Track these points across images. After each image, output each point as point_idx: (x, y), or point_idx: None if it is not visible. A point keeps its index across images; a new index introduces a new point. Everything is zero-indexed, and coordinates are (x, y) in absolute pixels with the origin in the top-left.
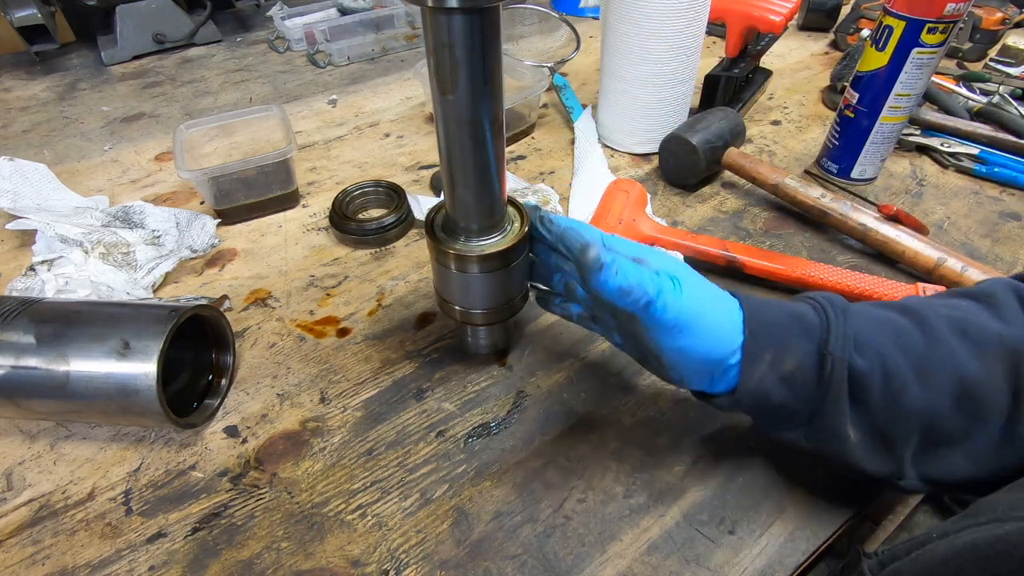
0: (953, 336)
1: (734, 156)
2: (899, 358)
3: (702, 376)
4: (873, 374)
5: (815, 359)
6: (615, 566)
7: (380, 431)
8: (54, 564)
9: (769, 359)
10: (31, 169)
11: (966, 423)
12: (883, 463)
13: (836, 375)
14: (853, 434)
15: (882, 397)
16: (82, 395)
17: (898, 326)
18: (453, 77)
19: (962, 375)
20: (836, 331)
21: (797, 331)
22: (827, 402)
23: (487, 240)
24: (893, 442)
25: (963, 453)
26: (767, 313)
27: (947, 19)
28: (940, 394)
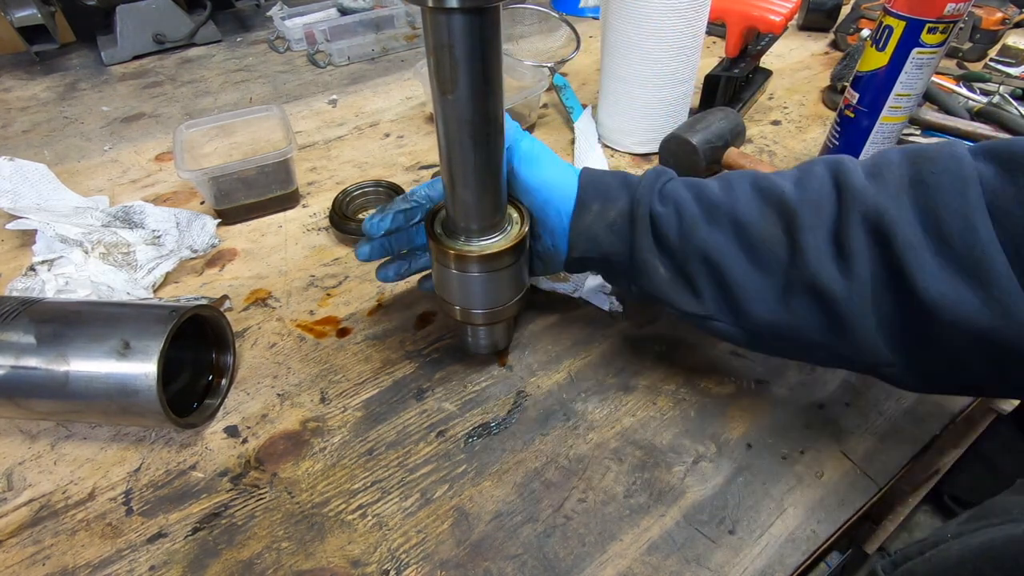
0: (747, 191)
1: (734, 156)
2: (693, 204)
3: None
4: (669, 216)
5: (628, 207)
6: (615, 566)
7: (380, 431)
8: (54, 564)
9: (597, 209)
10: (31, 169)
11: (752, 270)
12: (690, 300)
13: (640, 216)
14: (661, 270)
15: (677, 237)
16: (82, 395)
17: (704, 184)
18: (453, 77)
19: (741, 219)
20: (645, 184)
21: (621, 187)
22: (636, 240)
23: (487, 240)
24: (692, 279)
25: (758, 300)
26: (601, 174)
27: (947, 19)
28: (725, 235)
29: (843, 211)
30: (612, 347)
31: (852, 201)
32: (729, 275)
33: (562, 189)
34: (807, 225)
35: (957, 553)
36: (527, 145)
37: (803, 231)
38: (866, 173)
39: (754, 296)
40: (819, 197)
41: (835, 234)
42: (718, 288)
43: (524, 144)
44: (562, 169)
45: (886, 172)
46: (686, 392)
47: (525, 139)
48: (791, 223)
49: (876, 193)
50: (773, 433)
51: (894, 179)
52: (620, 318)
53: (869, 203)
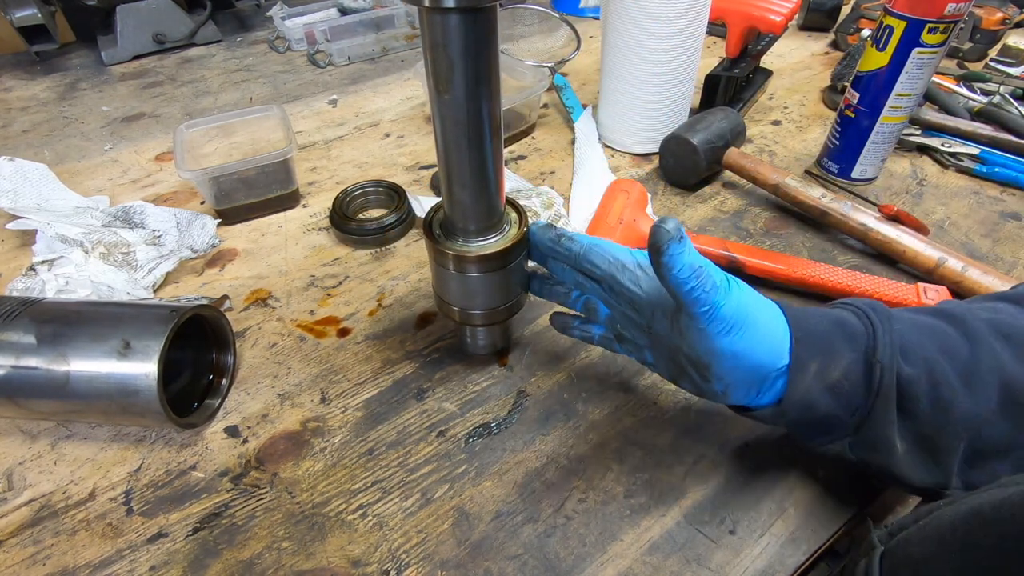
0: (997, 340)
1: (734, 156)
2: (945, 365)
3: (749, 386)
4: (920, 381)
5: (862, 367)
6: (616, 566)
7: (381, 431)
8: (55, 564)
9: (815, 368)
10: (31, 169)
11: (1012, 430)
12: (930, 473)
13: (885, 383)
14: (900, 444)
15: (929, 405)
16: (82, 395)
17: (942, 332)
18: (449, 77)
19: (1008, 380)
20: (883, 338)
21: (842, 338)
22: (875, 411)
23: (485, 240)
24: (940, 452)
25: (1010, 461)
26: (810, 320)
27: (947, 19)
28: (987, 400)
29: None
30: None
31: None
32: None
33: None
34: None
35: (949, 518)
36: (735, 305)
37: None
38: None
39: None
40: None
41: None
42: (968, 459)
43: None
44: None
45: None
46: (687, 393)
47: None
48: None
49: None
50: (773, 433)
51: None
52: None
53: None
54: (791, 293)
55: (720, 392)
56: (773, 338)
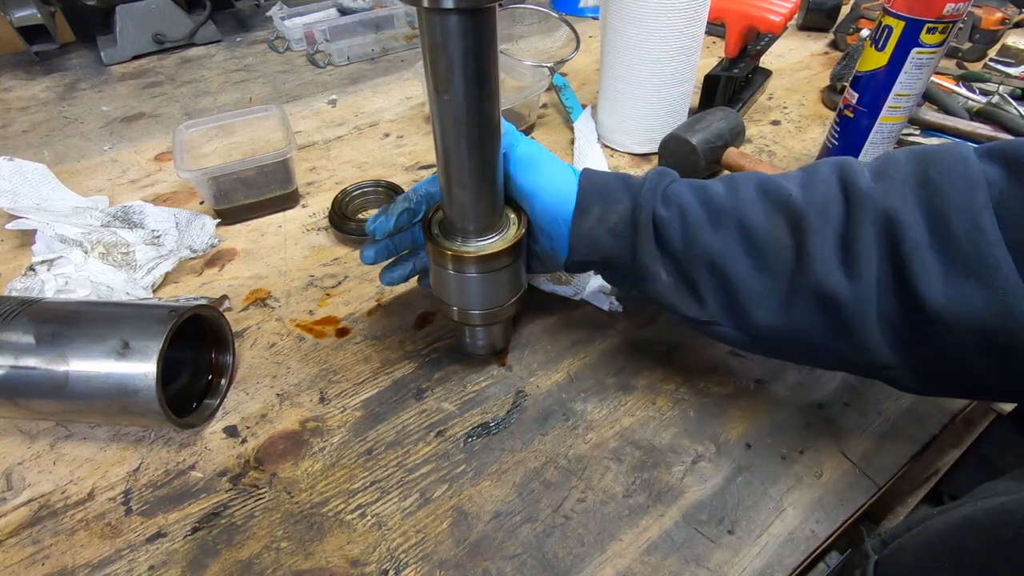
0: (752, 194)
1: (734, 156)
2: (698, 208)
3: (560, 234)
4: (672, 220)
5: (630, 210)
6: (615, 566)
7: (380, 431)
8: (54, 564)
9: (597, 212)
10: (31, 169)
11: (757, 273)
12: (693, 306)
13: (642, 220)
14: (664, 275)
15: (681, 241)
16: (82, 395)
17: (708, 186)
18: (448, 77)
19: (747, 223)
20: (647, 187)
21: (622, 190)
22: (638, 245)
23: (484, 241)
24: (696, 284)
25: (762, 305)
26: (599, 175)
27: (947, 19)
28: (730, 239)
29: (851, 214)
30: (611, 347)
31: (860, 204)
32: (733, 279)
33: (561, 192)
34: (814, 229)
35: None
36: (523, 149)
37: (810, 235)
38: (872, 174)
39: (758, 300)
40: (826, 200)
41: (842, 238)
42: (721, 292)
43: (520, 148)
44: (561, 172)
45: (893, 172)
46: (685, 392)
47: (521, 142)
48: (798, 226)
49: (884, 195)
50: (772, 433)
51: (900, 179)
52: (619, 318)
53: (878, 205)
54: None
55: (548, 248)
56: (564, 183)
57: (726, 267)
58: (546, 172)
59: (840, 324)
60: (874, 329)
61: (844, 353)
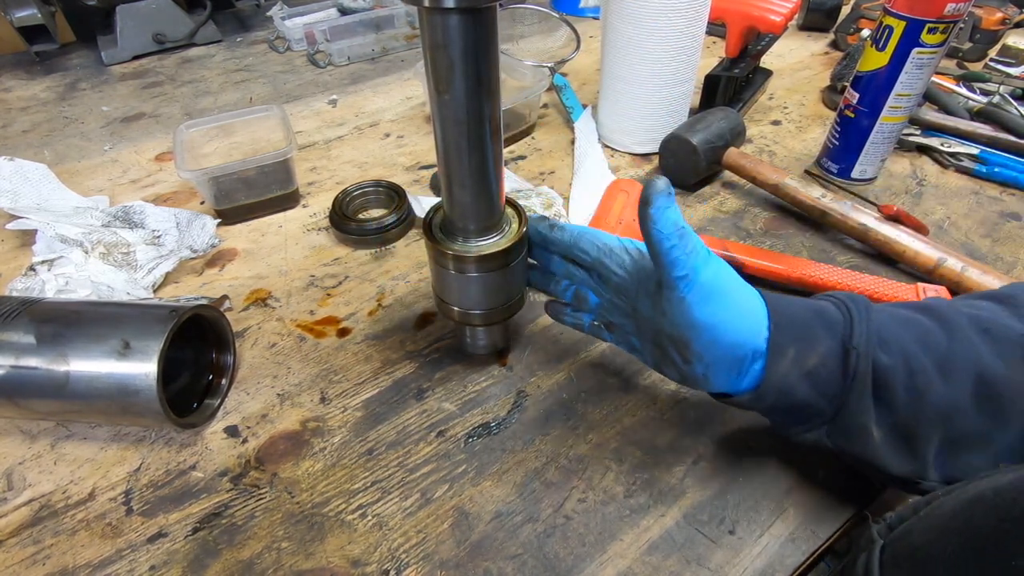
0: (975, 334)
1: (734, 156)
2: (922, 355)
3: (728, 368)
4: (896, 369)
5: (839, 354)
6: (615, 566)
7: (380, 431)
8: (54, 564)
9: (793, 354)
10: (31, 169)
11: (988, 423)
12: (906, 462)
13: (861, 370)
14: (876, 432)
15: (905, 393)
16: (82, 395)
17: (921, 324)
18: (448, 77)
19: (983, 372)
20: (859, 326)
21: (820, 326)
22: (851, 398)
23: (485, 240)
24: (916, 440)
25: (985, 455)
26: (789, 307)
27: (947, 19)
28: (962, 391)
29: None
30: (612, 347)
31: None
32: (962, 434)
33: (744, 328)
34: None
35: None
36: (710, 275)
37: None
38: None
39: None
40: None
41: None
42: (944, 451)
43: (706, 274)
44: (749, 303)
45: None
46: (686, 392)
47: (708, 266)
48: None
49: None
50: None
51: None
52: None
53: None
54: (791, 293)
55: (701, 375)
56: (751, 317)
57: (957, 420)
58: (735, 305)
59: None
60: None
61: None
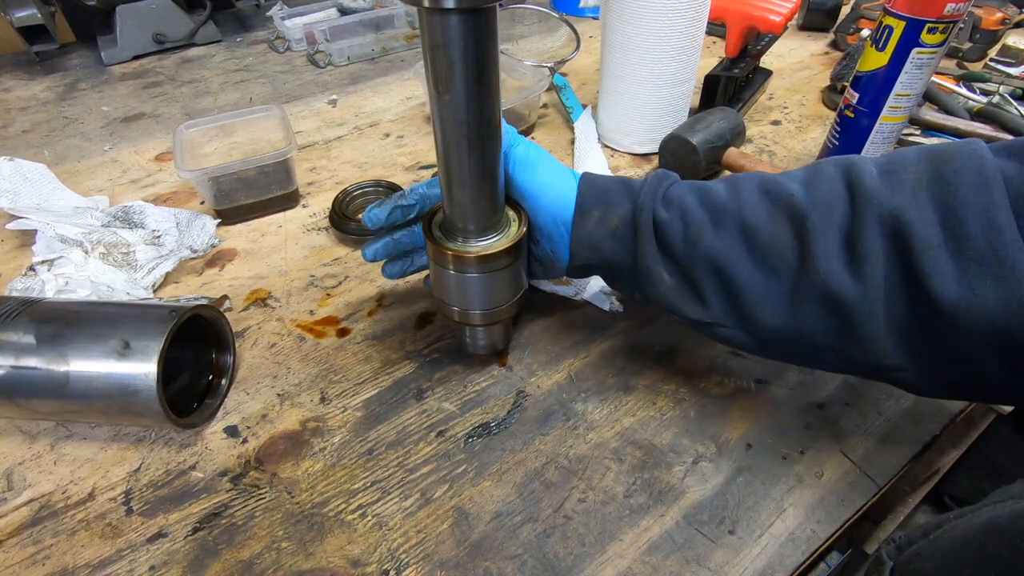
0: (754, 194)
1: (734, 156)
2: (699, 209)
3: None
4: (674, 221)
5: (630, 212)
6: (615, 566)
7: (380, 431)
8: (54, 564)
9: (598, 215)
10: (31, 169)
11: (760, 274)
12: (696, 307)
13: (643, 222)
14: (666, 277)
15: (682, 241)
16: (82, 395)
17: (710, 187)
18: (448, 77)
19: (749, 223)
20: (647, 189)
21: (622, 193)
22: (639, 247)
23: (485, 240)
24: (698, 285)
25: (766, 306)
26: (599, 179)
27: (947, 19)
28: (732, 240)
29: (856, 213)
30: (612, 347)
31: (866, 202)
32: (736, 281)
33: (560, 194)
34: (817, 228)
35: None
36: (522, 150)
37: (813, 235)
38: (880, 172)
39: (762, 301)
40: (830, 199)
41: (847, 237)
42: (725, 294)
43: (519, 149)
44: (560, 174)
45: (902, 171)
46: (686, 392)
47: (520, 144)
48: (801, 227)
49: (892, 193)
50: (773, 433)
51: (911, 178)
52: (620, 318)
53: (884, 204)
54: None
55: (549, 252)
56: (564, 186)
57: (728, 269)
58: (546, 173)
59: (846, 325)
60: (881, 330)
61: (851, 354)
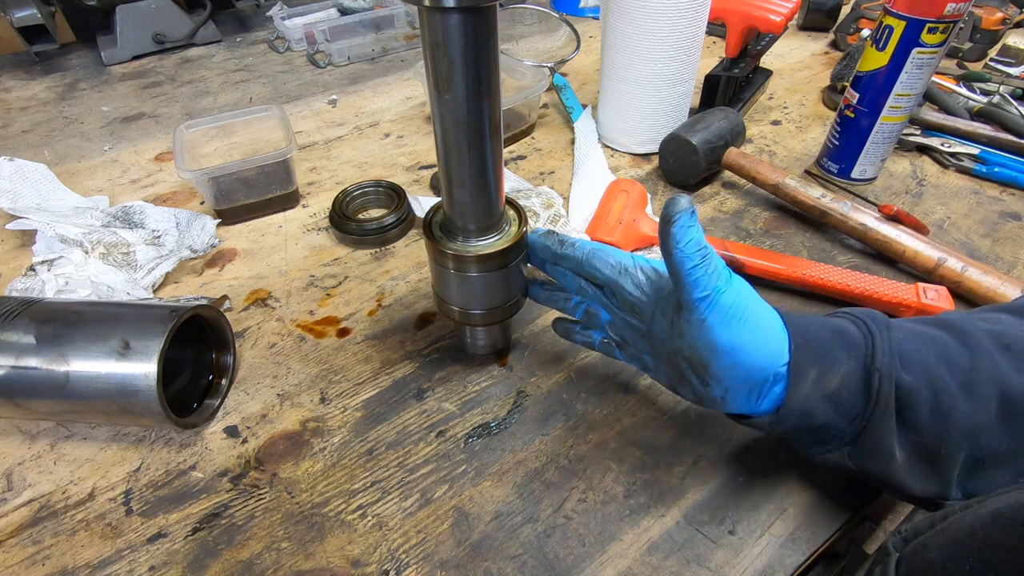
0: (997, 350)
1: (734, 156)
2: (945, 374)
3: (748, 390)
4: (920, 390)
5: (861, 375)
6: (615, 566)
7: (380, 431)
8: (54, 564)
9: (814, 376)
10: (31, 169)
11: (1012, 440)
12: (929, 483)
13: (884, 391)
14: (900, 453)
15: (930, 414)
16: (82, 395)
17: (942, 341)
18: (448, 76)
19: (1007, 389)
20: (882, 347)
21: (841, 347)
22: (874, 420)
23: (485, 240)
24: (939, 461)
25: (1009, 471)
26: (810, 327)
27: (947, 19)
28: (986, 410)
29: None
30: None
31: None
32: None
33: (765, 352)
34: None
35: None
36: (731, 297)
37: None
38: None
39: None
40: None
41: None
42: (968, 469)
43: (727, 296)
44: (770, 325)
45: None
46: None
47: (730, 288)
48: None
49: None
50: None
51: None
52: None
53: None
54: (791, 293)
55: (719, 398)
56: (772, 340)
57: (981, 439)
58: (756, 328)
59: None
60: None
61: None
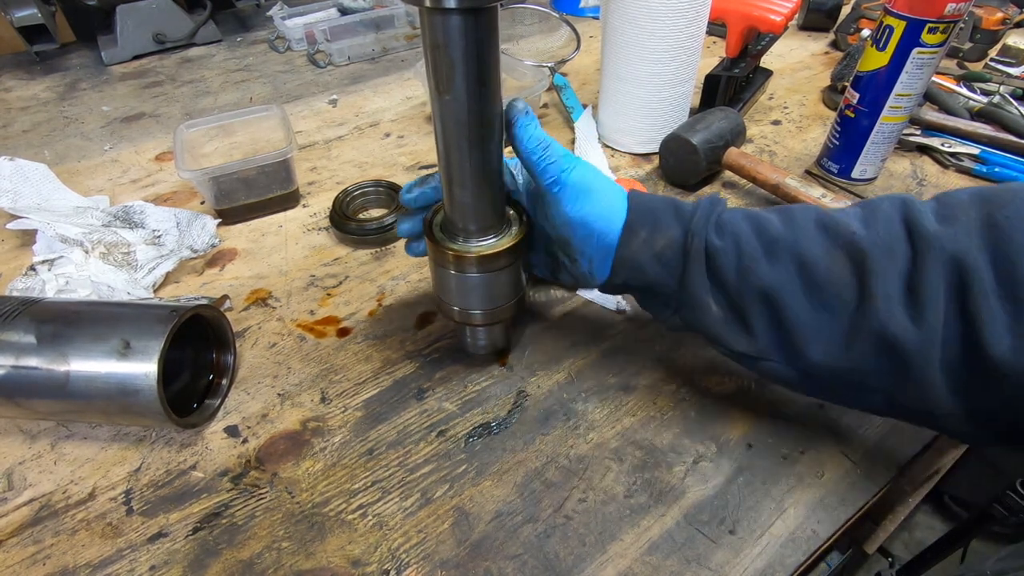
0: (811, 228)
1: (734, 156)
2: (753, 239)
3: (604, 258)
4: (727, 250)
5: (681, 237)
6: (616, 566)
7: (381, 431)
8: (55, 564)
9: (644, 235)
10: (31, 169)
11: (815, 310)
12: (742, 340)
13: (695, 248)
14: (714, 306)
15: (734, 271)
16: (82, 395)
17: (765, 218)
18: (449, 77)
19: (806, 257)
20: (701, 214)
21: (672, 216)
22: (688, 273)
23: (486, 241)
24: (747, 317)
25: (818, 342)
26: (650, 201)
27: (947, 19)
28: (787, 273)
29: (917, 256)
30: (612, 347)
31: (927, 246)
32: (789, 315)
33: (608, 218)
34: (878, 269)
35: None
36: (577, 175)
37: (874, 275)
38: (936, 216)
39: (814, 337)
40: (890, 239)
41: (908, 280)
42: (775, 328)
43: (575, 174)
44: (613, 196)
45: (959, 214)
46: (686, 392)
47: (576, 168)
48: (861, 266)
49: (951, 238)
50: (773, 433)
51: (966, 222)
52: (620, 318)
53: (946, 248)
54: None
55: (587, 271)
56: (614, 208)
57: (781, 302)
58: (599, 199)
59: (901, 368)
60: (937, 376)
61: (900, 398)
